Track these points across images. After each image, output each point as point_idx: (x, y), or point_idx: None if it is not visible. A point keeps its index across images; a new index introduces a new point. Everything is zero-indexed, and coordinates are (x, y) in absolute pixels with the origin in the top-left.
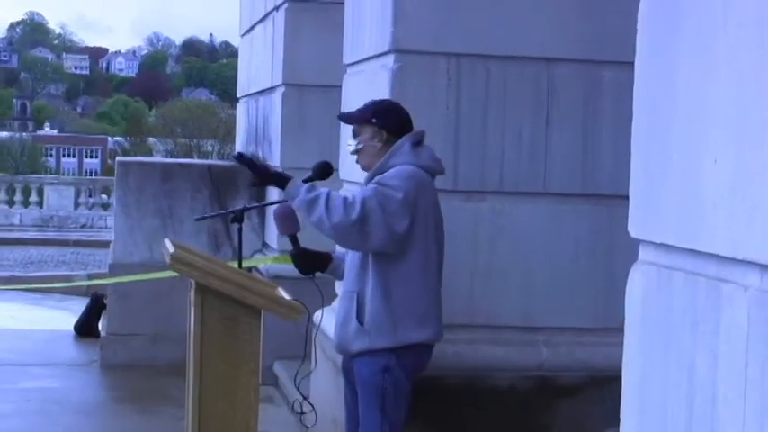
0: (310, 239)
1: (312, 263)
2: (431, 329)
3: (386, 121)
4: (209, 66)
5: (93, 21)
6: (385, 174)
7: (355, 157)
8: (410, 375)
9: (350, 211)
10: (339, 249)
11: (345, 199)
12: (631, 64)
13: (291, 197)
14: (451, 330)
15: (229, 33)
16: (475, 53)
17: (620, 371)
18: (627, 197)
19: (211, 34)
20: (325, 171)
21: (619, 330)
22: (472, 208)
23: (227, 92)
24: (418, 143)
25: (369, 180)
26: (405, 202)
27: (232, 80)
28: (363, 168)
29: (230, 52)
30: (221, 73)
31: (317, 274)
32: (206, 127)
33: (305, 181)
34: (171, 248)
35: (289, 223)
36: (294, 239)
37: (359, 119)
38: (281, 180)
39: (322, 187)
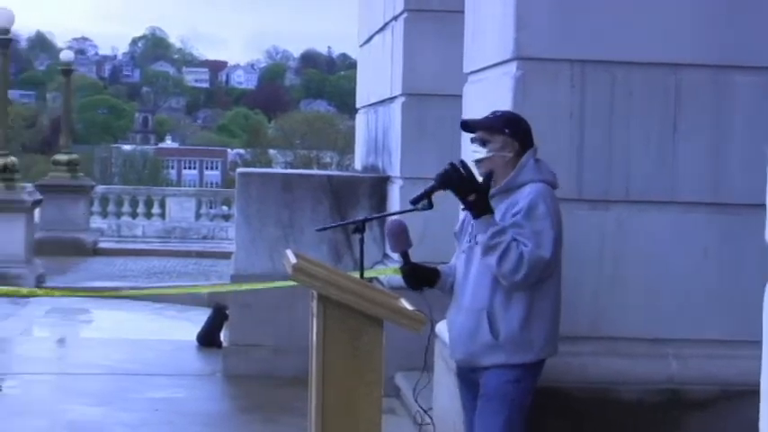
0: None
1: (421, 278)
2: (555, 345)
3: (517, 133)
4: (327, 77)
5: (206, 34)
6: (523, 198)
7: (475, 164)
8: (533, 390)
9: (518, 270)
10: (447, 265)
11: (518, 256)
12: (766, 69)
13: (477, 230)
14: (576, 342)
15: (347, 45)
16: (599, 59)
17: (752, 385)
18: (759, 205)
19: (329, 46)
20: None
21: (750, 343)
22: (597, 217)
23: (345, 103)
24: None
25: (496, 194)
26: (556, 235)
27: (350, 91)
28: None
29: (348, 64)
30: (339, 84)
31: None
32: (325, 138)
33: (428, 191)
34: (293, 259)
35: (400, 240)
36: (405, 255)
37: (490, 127)
38: (481, 205)
39: (507, 234)
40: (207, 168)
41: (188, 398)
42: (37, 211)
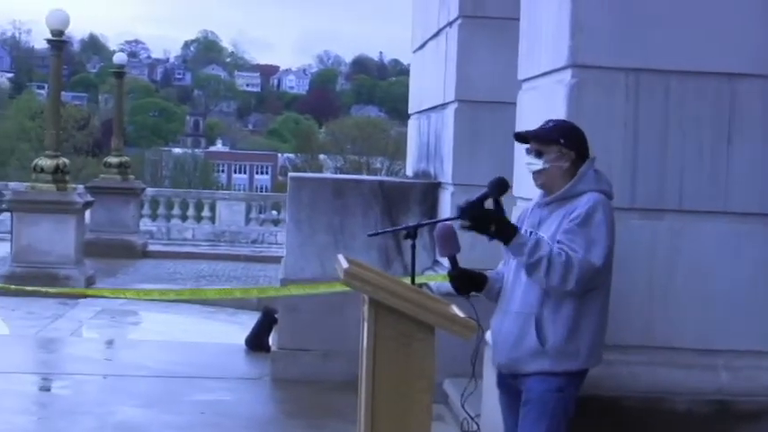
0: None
1: (469, 283)
2: (600, 354)
3: (572, 142)
4: (378, 83)
5: (255, 38)
6: (581, 206)
7: (532, 175)
8: (576, 399)
9: (567, 279)
10: (494, 271)
11: (565, 264)
12: None
13: (515, 255)
14: (626, 351)
15: (398, 51)
16: (654, 68)
17: None
18: None
19: (381, 52)
20: (501, 188)
21: None
22: (650, 226)
23: (396, 109)
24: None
25: (553, 202)
26: (609, 245)
27: (401, 97)
28: (541, 187)
29: (399, 70)
30: (390, 90)
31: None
32: (375, 144)
33: (481, 198)
34: (345, 264)
35: (449, 244)
36: (453, 260)
37: (545, 138)
38: (505, 230)
39: (543, 245)
40: (257, 173)
41: (235, 401)
42: (87, 213)
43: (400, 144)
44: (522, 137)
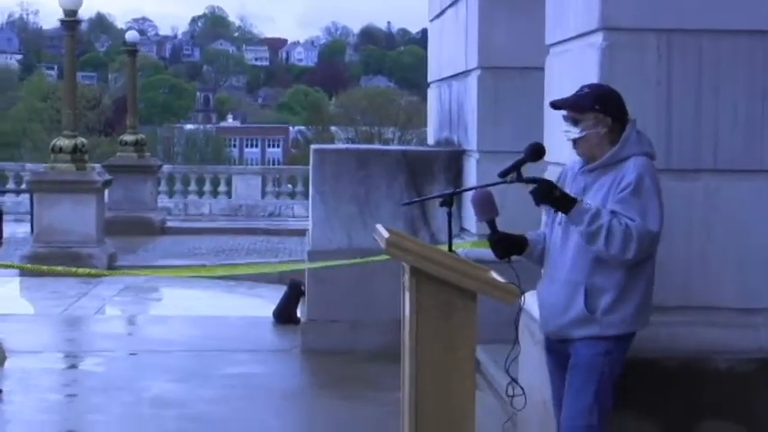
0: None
1: (510, 247)
2: (647, 317)
3: (608, 107)
4: (386, 53)
5: (256, 12)
6: (629, 173)
7: (571, 143)
8: (623, 361)
9: (628, 247)
10: (534, 232)
11: (624, 232)
12: None
13: (574, 224)
14: (665, 312)
15: (406, 20)
16: (686, 28)
17: None
18: None
19: (389, 22)
20: (537, 153)
21: None
22: (686, 187)
23: (405, 79)
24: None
25: (597, 168)
26: (661, 208)
27: (410, 67)
28: (582, 155)
29: (408, 39)
30: (399, 60)
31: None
32: (386, 114)
33: (517, 164)
34: (385, 233)
35: (487, 208)
36: (492, 224)
37: (580, 106)
38: (565, 203)
39: (603, 214)
40: (268, 146)
41: (266, 373)
42: (105, 192)
43: (411, 114)
44: (557, 106)
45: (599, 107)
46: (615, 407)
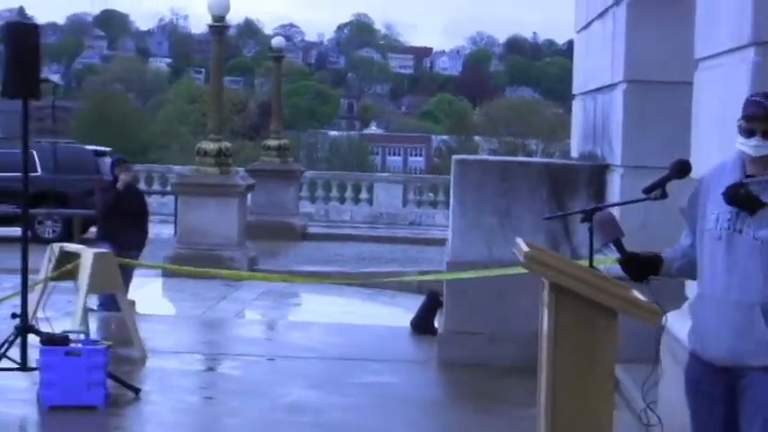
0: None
1: (642, 268)
2: None
3: None
4: (532, 64)
5: (400, 20)
6: None
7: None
8: None
9: None
10: (670, 249)
11: None
12: None
13: (759, 227)
14: None
15: (552, 31)
16: None
17: None
18: None
19: (534, 32)
20: (682, 170)
21: None
22: None
23: (550, 90)
24: None
25: None
26: None
27: (556, 78)
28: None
29: (554, 50)
30: (545, 71)
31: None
32: (530, 125)
33: (662, 180)
34: (525, 247)
35: (610, 229)
36: (619, 245)
37: None
38: (752, 203)
39: None
40: (411, 155)
41: (402, 384)
42: (248, 196)
43: (555, 126)
44: (749, 116)
45: None
46: None
